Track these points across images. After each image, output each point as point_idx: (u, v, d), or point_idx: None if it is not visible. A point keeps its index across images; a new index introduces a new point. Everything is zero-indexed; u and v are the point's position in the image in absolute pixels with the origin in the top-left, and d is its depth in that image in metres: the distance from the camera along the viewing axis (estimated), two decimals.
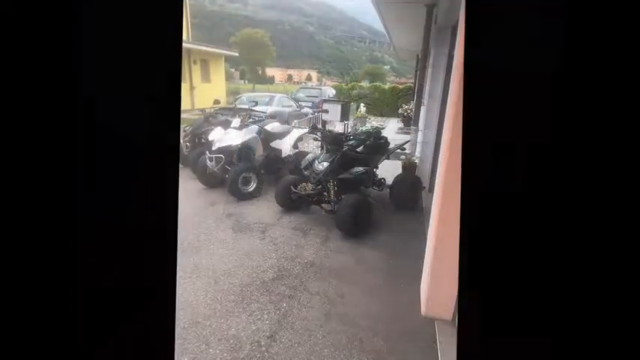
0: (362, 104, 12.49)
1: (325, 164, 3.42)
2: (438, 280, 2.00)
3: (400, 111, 11.61)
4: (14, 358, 0.39)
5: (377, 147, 3.94)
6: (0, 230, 0.37)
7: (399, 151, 4.13)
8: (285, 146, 4.64)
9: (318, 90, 14.40)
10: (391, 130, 10.51)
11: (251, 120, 4.83)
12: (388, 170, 4.62)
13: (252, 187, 4.18)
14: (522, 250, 0.43)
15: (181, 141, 5.35)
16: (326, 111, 5.06)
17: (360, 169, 3.48)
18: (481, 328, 0.45)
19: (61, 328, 0.42)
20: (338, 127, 7.21)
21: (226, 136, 4.22)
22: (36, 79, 0.37)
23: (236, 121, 4.52)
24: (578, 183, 0.40)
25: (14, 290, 0.39)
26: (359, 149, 3.82)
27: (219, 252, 2.86)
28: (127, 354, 0.46)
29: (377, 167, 3.97)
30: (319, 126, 4.76)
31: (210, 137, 4.43)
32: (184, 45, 12.86)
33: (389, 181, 4.10)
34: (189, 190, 4.41)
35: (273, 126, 4.84)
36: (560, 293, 0.42)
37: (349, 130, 6.04)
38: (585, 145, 0.40)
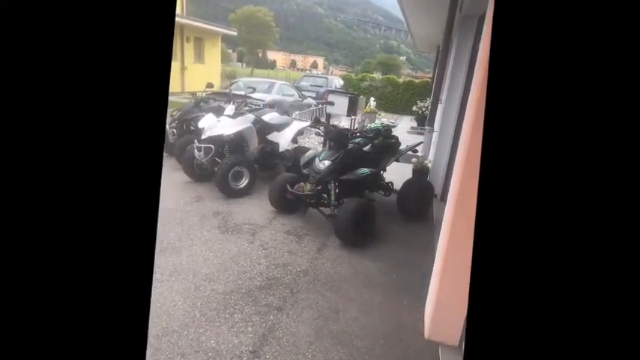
0: (372, 98, 12.49)
1: (327, 163, 3.42)
2: (445, 300, 2.00)
3: (414, 108, 11.62)
4: None
5: (386, 147, 3.94)
6: None
7: (410, 153, 4.13)
8: (284, 140, 4.64)
9: (324, 79, 14.41)
10: (403, 129, 10.52)
11: (247, 108, 4.83)
12: (397, 173, 4.62)
13: (243, 183, 4.18)
14: (544, 273, 0.42)
15: (167, 127, 5.35)
16: (331, 103, 5.06)
17: (366, 170, 3.48)
18: (491, 357, 0.45)
19: (32, 327, 0.42)
20: (344, 122, 7.22)
21: (218, 125, 4.22)
22: (24, 71, 0.37)
23: (230, 109, 4.51)
24: (614, 196, 0.40)
25: None
26: (366, 148, 3.82)
27: (203, 254, 2.86)
28: None
29: (385, 169, 3.97)
30: (323, 119, 4.76)
31: (200, 125, 4.43)
32: (177, 20, 12.86)
33: (397, 185, 4.10)
34: (173, 183, 4.41)
35: (271, 116, 4.84)
36: (580, 322, 0.42)
37: (356, 126, 6.05)
38: (619, 152, 0.39)
